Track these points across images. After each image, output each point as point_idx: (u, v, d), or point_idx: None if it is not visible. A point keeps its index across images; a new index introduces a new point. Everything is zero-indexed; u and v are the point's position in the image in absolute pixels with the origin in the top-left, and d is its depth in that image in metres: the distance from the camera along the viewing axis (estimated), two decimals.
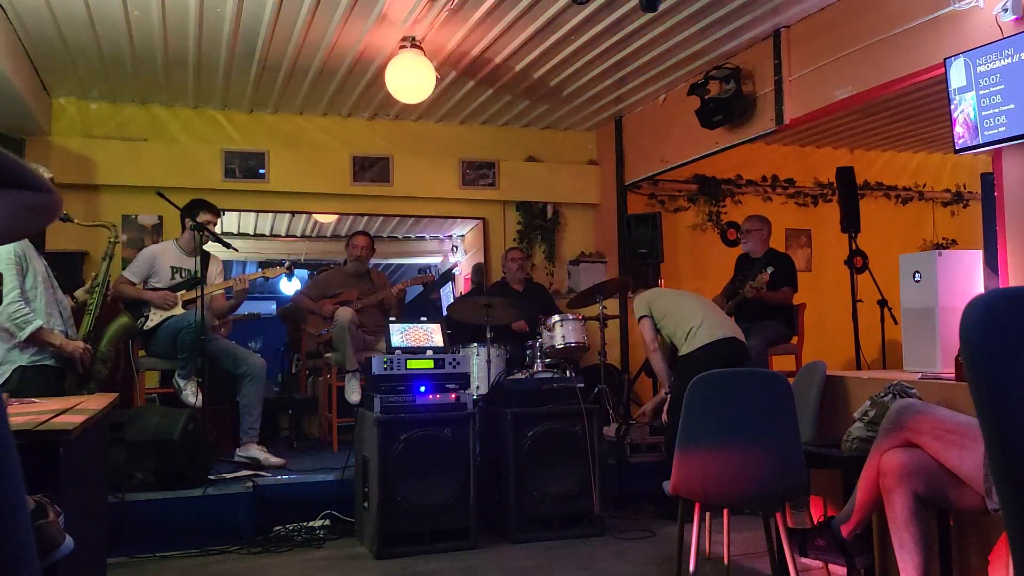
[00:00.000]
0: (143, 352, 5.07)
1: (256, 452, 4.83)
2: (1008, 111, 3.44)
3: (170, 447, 4.24)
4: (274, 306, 11.16)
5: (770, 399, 2.99)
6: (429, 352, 4.37)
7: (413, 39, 5.03)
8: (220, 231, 5.39)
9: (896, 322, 4.73)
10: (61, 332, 3.89)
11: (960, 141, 3.69)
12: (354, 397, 5.21)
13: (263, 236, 9.30)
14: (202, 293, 4.69)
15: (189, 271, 5.05)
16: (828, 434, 3.49)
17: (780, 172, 7.70)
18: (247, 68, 5.56)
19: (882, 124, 7.03)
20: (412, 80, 5.12)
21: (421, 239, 9.73)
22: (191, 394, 4.87)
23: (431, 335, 4.49)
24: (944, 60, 3.74)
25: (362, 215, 7.61)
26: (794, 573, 3.04)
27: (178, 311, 4.94)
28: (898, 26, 4.17)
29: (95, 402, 2.92)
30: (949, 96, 3.71)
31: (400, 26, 4.89)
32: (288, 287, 10.55)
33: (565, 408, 4.43)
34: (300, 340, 6.65)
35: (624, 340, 6.86)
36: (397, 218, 8.38)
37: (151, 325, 4.91)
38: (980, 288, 3.52)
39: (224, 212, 5.94)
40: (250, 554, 4.11)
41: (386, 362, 4.22)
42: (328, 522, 4.45)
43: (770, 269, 5.29)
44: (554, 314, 5.42)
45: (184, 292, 4.98)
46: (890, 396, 3.02)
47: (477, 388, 5.11)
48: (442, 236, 9.45)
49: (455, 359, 4.36)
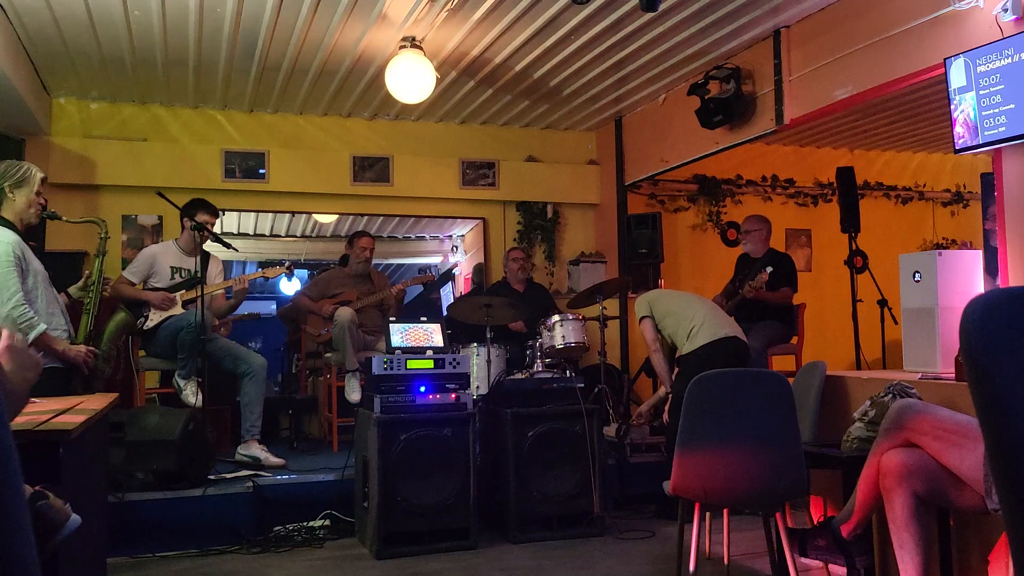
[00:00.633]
0: (143, 352, 5.07)
1: (257, 451, 4.83)
2: (1008, 111, 3.44)
3: (170, 447, 4.24)
4: (274, 306, 11.16)
5: (770, 399, 2.99)
6: (429, 352, 4.37)
7: (413, 39, 5.03)
8: (220, 231, 5.39)
9: (896, 322, 4.73)
10: (65, 330, 3.88)
11: (960, 141, 3.69)
12: (354, 397, 5.21)
13: (263, 236, 9.30)
14: (202, 293, 4.68)
15: (189, 271, 5.05)
16: (828, 434, 3.49)
17: (780, 172, 7.70)
18: (247, 68, 5.56)
19: (882, 124, 7.03)
20: (412, 80, 5.12)
21: (421, 239, 9.74)
22: (191, 394, 4.87)
23: (431, 335, 4.49)
24: (944, 60, 3.74)
25: (362, 215, 7.60)
26: (794, 573, 3.04)
27: (178, 311, 4.93)
28: (898, 26, 4.17)
29: (95, 402, 2.92)
30: (949, 96, 3.71)
31: (400, 26, 4.89)
32: (288, 287, 10.56)
33: (565, 408, 4.43)
34: (300, 340, 6.65)
35: (624, 340, 6.86)
36: (397, 218, 8.39)
37: (151, 325, 4.90)
38: (980, 288, 3.52)
39: (224, 212, 5.94)
40: (250, 554, 4.10)
41: (386, 362, 4.22)
42: (328, 522, 4.45)
43: (769, 269, 5.29)
44: (554, 314, 5.42)
45: (184, 292, 4.98)
46: (890, 396, 3.02)
47: (477, 388, 5.11)
48: (442, 236, 9.45)
49: (455, 359, 4.36)
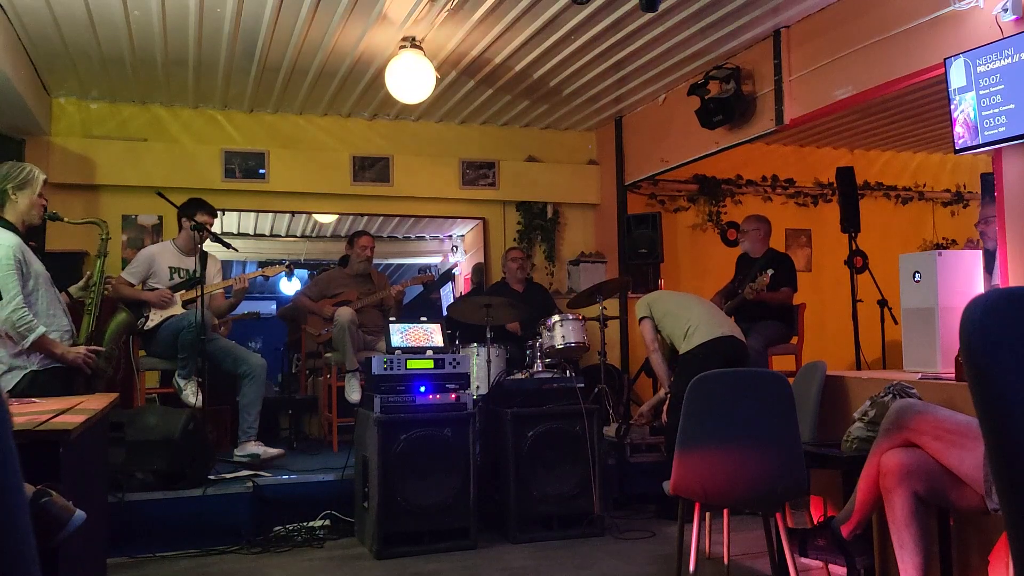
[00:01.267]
0: (143, 352, 5.07)
1: (254, 448, 4.82)
2: (1008, 111, 3.44)
3: (170, 447, 4.24)
4: (274, 306, 11.16)
5: (770, 399, 2.99)
6: (429, 352, 4.37)
7: (413, 39, 5.03)
8: (220, 231, 5.39)
9: (896, 322, 4.73)
10: (67, 331, 3.88)
11: (960, 141, 3.69)
12: (354, 397, 5.21)
13: (263, 236, 9.30)
14: (202, 293, 4.68)
15: (187, 271, 5.05)
16: (828, 434, 3.49)
17: (780, 172, 7.69)
18: (247, 68, 5.56)
19: (882, 124, 7.03)
20: (412, 80, 5.12)
21: (421, 239, 9.74)
22: (191, 394, 4.87)
23: (431, 335, 4.49)
24: (944, 60, 3.74)
25: (362, 215, 7.60)
26: (794, 573, 3.04)
27: (177, 310, 4.94)
28: (898, 26, 4.17)
29: (95, 402, 2.92)
30: (949, 96, 3.71)
31: (400, 26, 4.89)
32: (288, 287, 10.57)
33: (565, 408, 4.43)
34: (300, 340, 6.65)
35: (624, 340, 6.86)
36: (397, 218, 8.39)
37: (151, 325, 4.90)
38: (980, 288, 3.52)
39: (224, 212, 5.94)
40: (250, 554, 4.10)
41: (386, 362, 4.22)
42: (328, 522, 4.45)
43: (770, 271, 5.28)
44: (554, 314, 5.42)
45: (184, 292, 4.98)
46: (890, 396, 3.02)
47: (477, 388, 5.11)
48: (442, 236, 9.45)
49: (455, 359, 4.36)
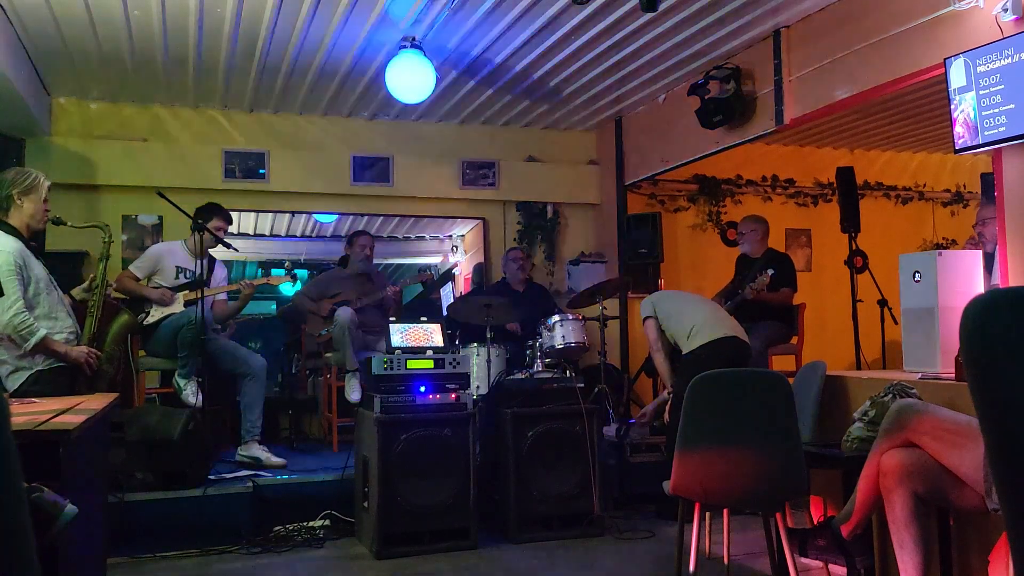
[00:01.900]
0: (143, 352, 5.08)
1: (258, 451, 4.83)
2: (1008, 111, 3.44)
3: (170, 447, 4.24)
4: (274, 306, 11.15)
5: (770, 399, 2.99)
6: (429, 352, 4.37)
7: (413, 39, 5.03)
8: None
9: (896, 322, 4.73)
10: (72, 331, 3.88)
11: (960, 141, 3.69)
12: (354, 397, 5.21)
13: (263, 236, 9.30)
14: (202, 294, 4.69)
15: (194, 273, 5.05)
16: (828, 434, 3.48)
17: (780, 172, 7.69)
18: (247, 68, 5.56)
19: (882, 124, 7.03)
20: (412, 80, 5.12)
21: (421, 239, 9.73)
22: (191, 394, 4.87)
23: (431, 335, 4.49)
24: (944, 60, 3.74)
25: (362, 215, 7.60)
26: (794, 573, 3.04)
27: (178, 308, 4.94)
28: (898, 26, 4.17)
29: (95, 402, 2.92)
30: (949, 96, 3.71)
31: (400, 26, 4.89)
32: (288, 287, 10.54)
33: (565, 408, 4.43)
34: (300, 340, 6.65)
35: (624, 340, 6.86)
36: (397, 218, 8.38)
37: (151, 321, 4.92)
38: (980, 288, 3.52)
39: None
40: (250, 554, 4.11)
41: (386, 362, 4.22)
42: (328, 522, 4.45)
43: (771, 272, 5.28)
44: (554, 314, 5.42)
45: (186, 292, 4.99)
46: (890, 396, 3.02)
47: (477, 388, 5.11)
48: (442, 236, 9.44)
49: (455, 359, 4.36)
